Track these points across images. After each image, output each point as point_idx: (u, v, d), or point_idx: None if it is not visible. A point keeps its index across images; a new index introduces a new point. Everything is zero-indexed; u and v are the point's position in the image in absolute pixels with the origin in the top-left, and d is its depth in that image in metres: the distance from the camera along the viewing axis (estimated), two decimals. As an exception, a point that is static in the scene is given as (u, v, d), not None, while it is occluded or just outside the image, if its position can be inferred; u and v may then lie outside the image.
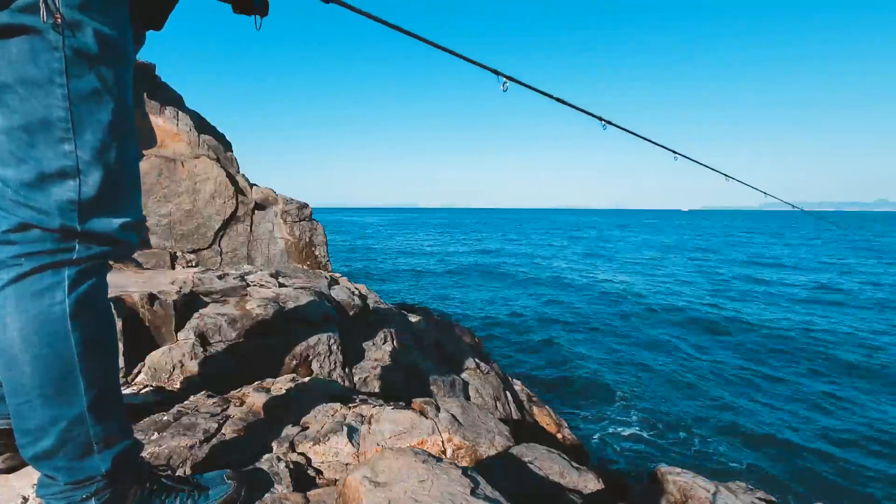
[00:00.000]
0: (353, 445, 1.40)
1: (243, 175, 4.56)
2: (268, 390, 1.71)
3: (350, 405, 1.66)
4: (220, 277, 2.76)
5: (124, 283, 2.36)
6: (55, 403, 0.78)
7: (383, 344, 2.87)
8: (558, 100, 1.84)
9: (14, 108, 0.71)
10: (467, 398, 3.07)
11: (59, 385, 0.78)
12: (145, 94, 4.17)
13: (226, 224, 4.30)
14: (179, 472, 1.15)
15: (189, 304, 2.21)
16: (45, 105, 0.72)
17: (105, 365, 0.85)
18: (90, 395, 0.80)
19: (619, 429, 6.32)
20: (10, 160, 0.72)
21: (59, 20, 0.69)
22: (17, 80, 0.70)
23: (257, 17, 1.16)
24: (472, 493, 1.00)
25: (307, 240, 4.65)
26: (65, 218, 0.75)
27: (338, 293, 3.16)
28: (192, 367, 1.84)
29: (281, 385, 1.78)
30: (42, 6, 0.67)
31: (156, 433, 1.31)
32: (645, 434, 6.20)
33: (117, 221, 0.81)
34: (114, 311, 1.78)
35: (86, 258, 0.80)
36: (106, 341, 0.85)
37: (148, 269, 3.57)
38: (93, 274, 0.82)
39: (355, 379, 2.42)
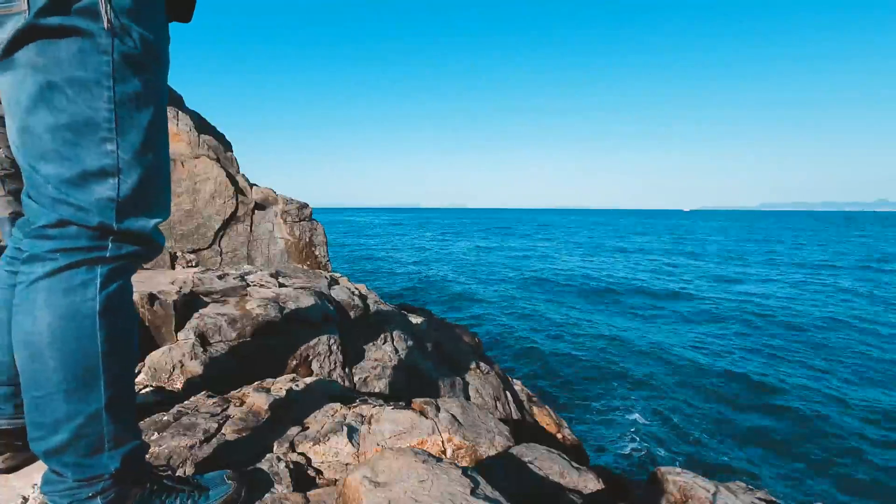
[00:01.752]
0: (353, 445, 1.40)
1: (243, 175, 4.56)
2: (268, 390, 1.71)
3: (350, 405, 1.66)
4: (220, 277, 2.76)
5: (124, 283, 2.36)
6: (74, 399, 0.78)
7: (383, 344, 2.88)
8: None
9: (61, 107, 0.72)
10: (467, 398, 3.07)
11: (81, 381, 0.78)
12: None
13: (226, 224, 4.30)
14: (179, 473, 1.15)
15: (189, 304, 2.21)
16: (91, 106, 0.73)
17: (125, 364, 0.86)
18: (109, 393, 0.81)
19: (620, 429, 6.32)
20: (54, 157, 0.74)
21: (111, 25, 0.71)
22: (66, 80, 0.71)
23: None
24: (472, 493, 1.00)
25: (307, 240, 4.65)
26: (103, 216, 0.77)
27: (338, 293, 3.16)
28: (192, 367, 1.84)
29: (281, 385, 1.78)
30: (102, 10, 0.70)
31: (156, 433, 1.31)
32: (645, 434, 6.20)
33: (152, 221, 0.83)
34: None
35: (118, 257, 0.81)
36: (128, 341, 0.86)
37: (148, 269, 3.57)
38: (123, 273, 0.83)
39: (355, 379, 2.42)
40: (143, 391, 1.67)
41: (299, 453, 1.36)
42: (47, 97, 0.72)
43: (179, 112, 4.34)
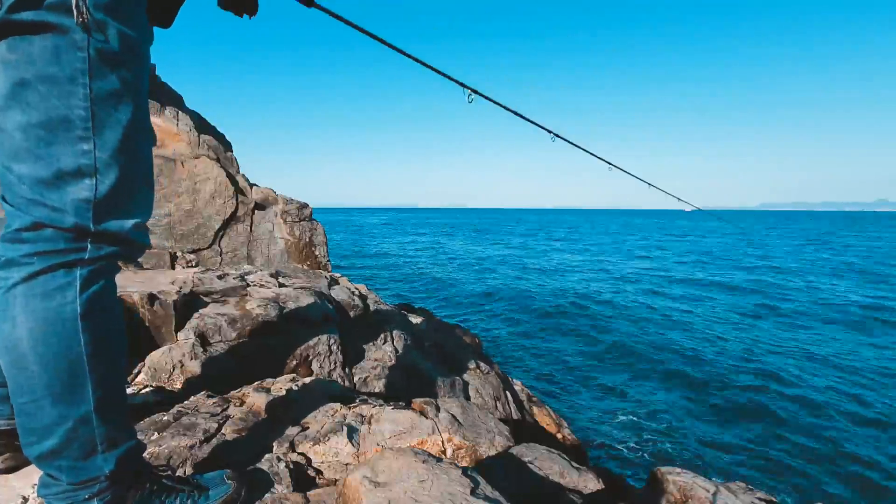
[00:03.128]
0: (353, 445, 1.40)
1: (243, 175, 4.56)
2: (268, 390, 1.71)
3: (350, 405, 1.66)
4: (220, 277, 2.76)
5: (124, 283, 2.36)
6: (62, 403, 0.77)
7: (383, 344, 2.88)
8: (515, 112, 2.09)
9: (33, 105, 0.70)
10: (467, 398, 3.06)
11: (66, 384, 0.77)
12: (145, 94, 4.17)
13: (226, 224, 4.30)
14: (179, 473, 1.15)
15: (189, 304, 2.21)
16: (66, 104, 0.71)
17: (113, 365, 0.84)
18: (97, 395, 0.80)
19: (620, 429, 6.32)
20: (27, 157, 0.72)
21: (86, 20, 0.69)
22: (38, 77, 0.69)
23: (246, 15, 1.14)
24: (472, 493, 1.00)
25: (307, 240, 4.65)
26: (79, 217, 0.75)
27: (338, 293, 3.17)
28: (192, 367, 1.84)
29: (281, 385, 1.78)
30: (74, 5, 0.67)
31: (156, 433, 1.31)
32: (645, 434, 6.20)
33: (130, 222, 0.81)
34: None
35: (97, 258, 0.79)
36: (115, 342, 0.85)
37: (148, 269, 3.57)
38: (104, 274, 0.82)
39: (355, 379, 2.42)
40: (143, 391, 1.67)
41: (299, 453, 1.36)
42: (19, 94, 0.69)
43: (179, 112, 4.34)
